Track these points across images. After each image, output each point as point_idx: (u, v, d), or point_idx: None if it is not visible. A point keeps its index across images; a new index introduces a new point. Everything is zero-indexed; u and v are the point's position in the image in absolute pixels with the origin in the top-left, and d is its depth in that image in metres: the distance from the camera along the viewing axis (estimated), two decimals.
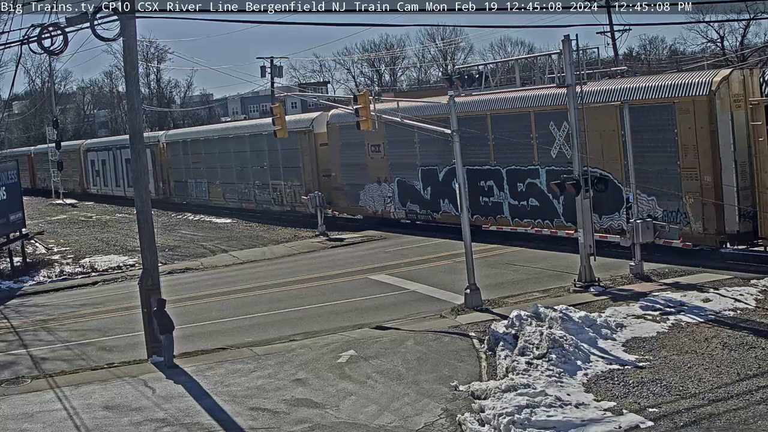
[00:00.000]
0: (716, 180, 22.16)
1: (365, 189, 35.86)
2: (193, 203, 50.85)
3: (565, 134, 25.20)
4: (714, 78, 22.29)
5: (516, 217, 28.38)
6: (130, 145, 18.93)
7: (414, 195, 33.02)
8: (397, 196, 33.99)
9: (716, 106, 21.99)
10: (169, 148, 53.73)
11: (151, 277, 18.29)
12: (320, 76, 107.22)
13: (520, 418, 12.39)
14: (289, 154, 40.39)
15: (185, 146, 51.90)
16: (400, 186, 33.76)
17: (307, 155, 39.22)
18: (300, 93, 75.31)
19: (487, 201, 29.32)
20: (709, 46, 68.71)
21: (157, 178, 54.81)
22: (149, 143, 54.93)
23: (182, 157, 52.12)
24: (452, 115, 21.08)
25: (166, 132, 59.75)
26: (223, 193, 47.35)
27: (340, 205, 37.66)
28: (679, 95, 22.78)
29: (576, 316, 16.77)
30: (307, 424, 13.43)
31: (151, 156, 54.77)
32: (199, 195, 50.29)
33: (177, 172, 52.93)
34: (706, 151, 22.24)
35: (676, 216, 23.08)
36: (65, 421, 14.57)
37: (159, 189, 54.58)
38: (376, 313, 20.65)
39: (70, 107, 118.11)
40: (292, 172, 40.38)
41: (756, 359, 14.41)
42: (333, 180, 37.86)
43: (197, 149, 50.16)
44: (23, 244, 34.38)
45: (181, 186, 52.44)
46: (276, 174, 41.88)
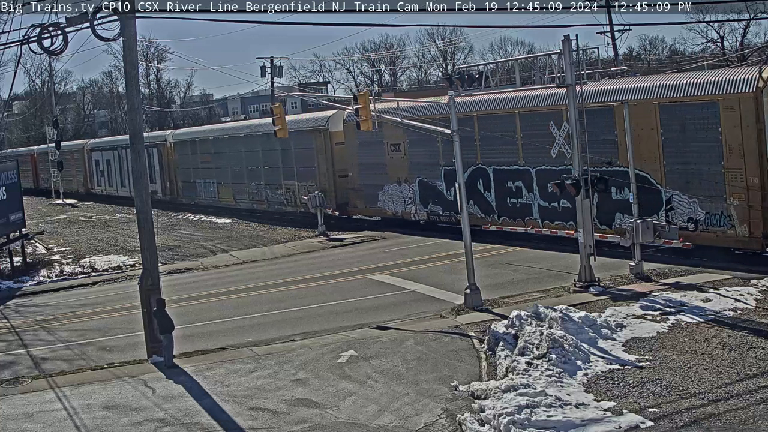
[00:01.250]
0: (763, 181, 21.22)
1: (384, 189, 34.83)
2: (201, 204, 49.91)
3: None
4: (761, 74, 21.18)
5: (546, 219, 27.22)
6: (130, 145, 18.95)
7: (436, 196, 32.01)
8: (418, 196, 32.91)
9: (764, 103, 20.98)
10: (176, 148, 52.79)
11: (151, 277, 18.29)
12: (320, 76, 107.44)
13: (520, 418, 12.39)
14: (302, 154, 39.36)
15: (194, 146, 50.90)
16: (421, 186, 32.75)
17: (322, 155, 38.11)
18: (300, 93, 75.38)
19: (515, 202, 28.28)
20: (709, 46, 68.79)
21: (164, 178, 54.02)
22: (156, 142, 54.42)
23: (190, 156, 51.10)
24: (452, 115, 21.10)
25: (174, 131, 58.60)
26: (233, 193, 46.39)
27: (357, 206, 36.75)
28: (724, 92, 21.63)
29: (576, 316, 16.77)
30: (307, 424, 13.43)
31: (157, 155, 54.26)
32: (208, 195, 49.35)
33: (185, 172, 51.91)
34: (753, 150, 21.21)
35: (719, 219, 22.19)
36: (65, 421, 14.57)
37: (166, 189, 53.84)
38: (376, 313, 20.66)
39: (70, 107, 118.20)
40: (306, 172, 39.30)
41: (756, 359, 14.41)
42: (350, 180, 36.87)
43: (206, 149, 49.17)
44: (23, 244, 34.39)
45: (189, 186, 51.46)
46: (289, 174, 40.85)
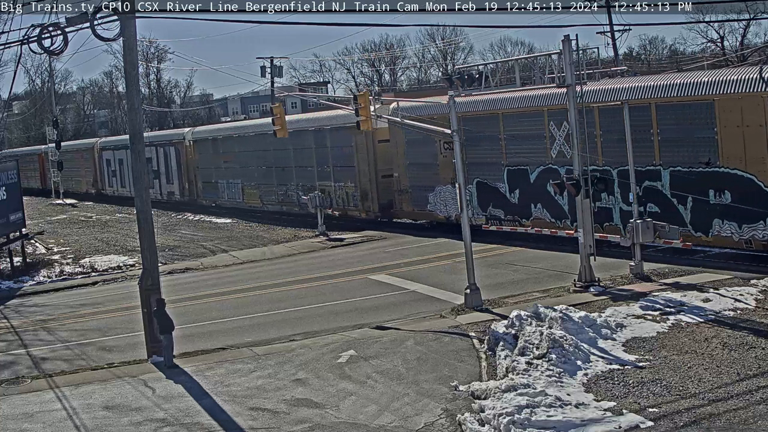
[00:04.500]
0: None
1: (435, 192, 31.91)
2: (224, 206, 47.43)
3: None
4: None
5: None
6: (130, 145, 18.94)
7: (498, 198, 29.19)
8: (475, 199, 29.86)
9: None
10: (196, 146, 50.29)
11: (151, 277, 18.29)
12: (320, 76, 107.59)
13: (520, 418, 12.39)
14: (340, 153, 36.64)
15: (215, 144, 48.21)
16: (479, 188, 29.92)
17: (362, 153, 35.34)
18: (300, 93, 75.44)
19: (592, 207, 25.04)
20: (709, 46, 68.83)
21: (182, 178, 51.54)
22: (173, 141, 52.50)
23: (212, 155, 48.42)
24: (452, 115, 21.07)
25: (193, 128, 55.84)
26: (260, 195, 43.73)
27: (404, 209, 34.33)
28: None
29: (576, 316, 16.77)
30: (307, 424, 13.43)
31: (175, 155, 51.87)
32: (232, 197, 46.70)
33: (206, 172, 49.28)
34: None
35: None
36: (65, 421, 14.56)
37: (184, 190, 51.55)
38: (376, 313, 20.65)
39: (70, 107, 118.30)
40: (345, 173, 36.54)
41: (756, 359, 14.41)
42: (395, 181, 34.26)
43: (230, 147, 46.25)
44: (23, 244, 34.38)
45: (211, 187, 48.84)
46: (324, 174, 37.97)
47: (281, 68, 67.39)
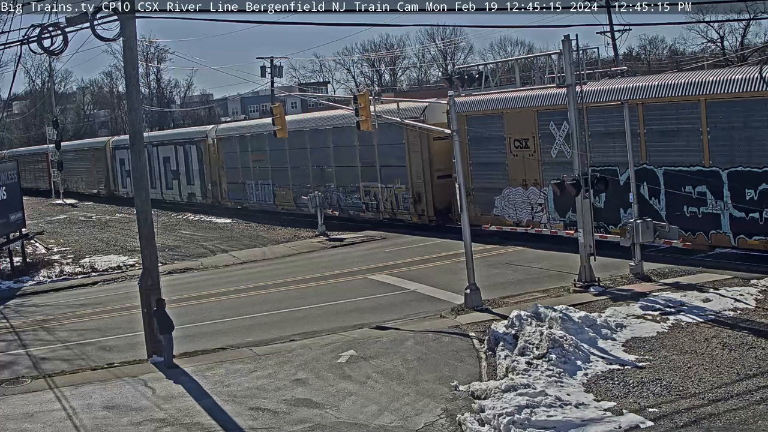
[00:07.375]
0: None
1: (503, 194, 29.10)
2: (252, 209, 44.25)
3: None
4: None
5: (742, 233, 21.95)
6: (130, 145, 18.96)
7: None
8: (551, 203, 27.11)
9: None
10: (220, 145, 46.94)
11: (151, 277, 18.29)
12: (320, 76, 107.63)
13: (520, 418, 12.39)
14: (389, 151, 33.79)
15: (243, 142, 44.78)
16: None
17: (415, 151, 32.35)
18: (300, 93, 75.50)
19: (695, 212, 22.99)
20: (709, 46, 68.79)
21: (205, 179, 48.55)
22: (195, 139, 49.68)
23: (239, 154, 44.94)
24: (452, 114, 21.08)
25: (217, 126, 52.20)
26: (295, 197, 40.30)
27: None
28: None
29: (576, 316, 16.77)
30: (307, 424, 13.43)
31: (196, 153, 49.30)
32: (261, 199, 43.50)
33: (232, 172, 45.94)
34: None
35: None
36: (65, 421, 14.57)
37: (207, 192, 48.50)
38: (376, 313, 20.65)
39: (70, 107, 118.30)
40: (394, 173, 33.63)
41: (756, 359, 14.41)
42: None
43: (260, 145, 42.79)
44: (23, 244, 34.38)
45: (237, 189, 45.59)
46: (370, 175, 35.11)
47: (281, 68, 67.39)
